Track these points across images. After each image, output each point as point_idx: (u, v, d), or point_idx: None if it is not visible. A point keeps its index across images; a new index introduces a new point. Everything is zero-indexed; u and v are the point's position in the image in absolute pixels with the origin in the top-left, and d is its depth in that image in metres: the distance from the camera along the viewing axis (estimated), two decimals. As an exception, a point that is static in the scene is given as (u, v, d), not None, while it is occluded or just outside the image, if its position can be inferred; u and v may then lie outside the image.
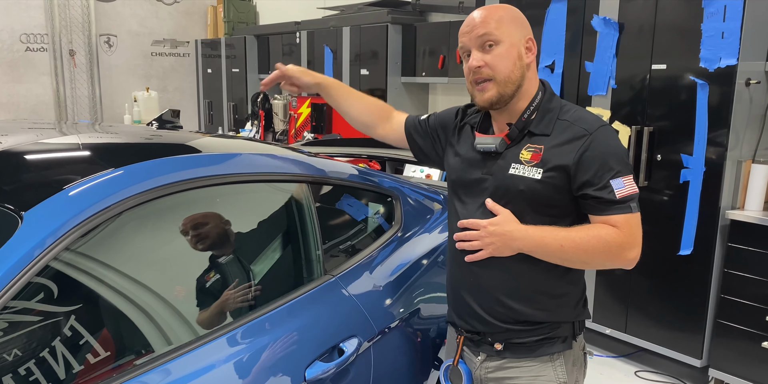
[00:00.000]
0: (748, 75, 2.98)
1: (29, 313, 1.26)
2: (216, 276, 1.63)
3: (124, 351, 1.39)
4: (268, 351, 1.53)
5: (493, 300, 1.63)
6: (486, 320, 1.64)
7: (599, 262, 1.60)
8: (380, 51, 5.44)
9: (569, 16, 3.61)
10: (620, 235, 1.53)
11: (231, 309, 1.59)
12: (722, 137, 3.03)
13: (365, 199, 2.15)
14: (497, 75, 1.57)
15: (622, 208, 1.53)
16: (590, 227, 1.56)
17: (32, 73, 7.62)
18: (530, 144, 1.59)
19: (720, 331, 3.14)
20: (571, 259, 1.57)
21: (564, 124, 1.58)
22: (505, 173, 1.59)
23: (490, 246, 1.58)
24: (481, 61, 1.57)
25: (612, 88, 3.46)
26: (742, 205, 3.14)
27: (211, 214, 1.66)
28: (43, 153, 1.66)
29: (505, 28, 1.57)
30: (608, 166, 1.52)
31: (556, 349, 1.63)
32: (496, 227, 1.56)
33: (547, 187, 1.55)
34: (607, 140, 1.55)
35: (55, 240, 1.26)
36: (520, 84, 1.59)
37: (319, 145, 3.41)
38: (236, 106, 7.52)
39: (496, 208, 1.58)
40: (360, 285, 1.86)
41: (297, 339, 1.61)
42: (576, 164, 1.53)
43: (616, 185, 1.52)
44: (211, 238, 1.63)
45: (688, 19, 3.09)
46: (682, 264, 3.23)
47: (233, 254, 1.69)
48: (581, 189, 1.54)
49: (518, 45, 1.58)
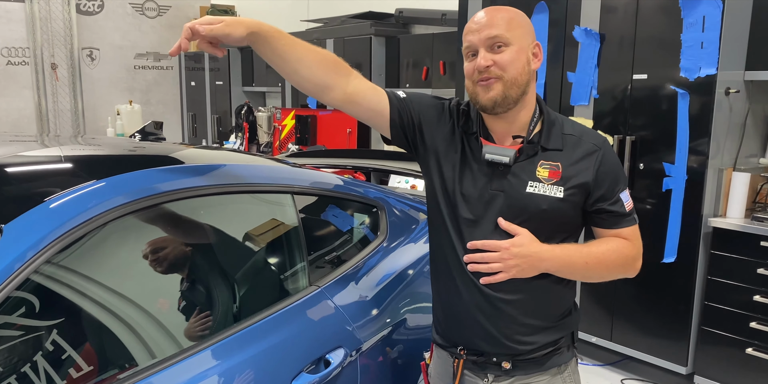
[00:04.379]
0: (728, 84, 3.02)
1: (10, 327, 1.24)
2: (200, 288, 1.61)
3: (107, 365, 1.37)
4: (253, 363, 1.52)
5: (511, 320, 1.54)
6: (500, 341, 1.55)
7: (615, 275, 1.60)
8: (364, 63, 5.46)
9: (551, 27, 3.65)
10: (633, 247, 1.55)
11: (216, 321, 1.58)
12: (703, 146, 3.07)
13: (350, 210, 2.15)
14: (505, 75, 1.47)
15: (630, 220, 1.55)
16: (606, 241, 1.56)
17: (14, 87, 7.56)
18: (544, 160, 1.52)
19: (704, 338, 3.16)
20: (592, 275, 1.57)
21: (572, 139, 1.54)
22: (522, 191, 1.50)
23: (514, 269, 1.49)
24: (490, 61, 1.47)
25: (594, 98, 3.50)
26: (724, 212, 3.17)
27: (191, 226, 1.64)
28: (23, 165, 1.64)
29: (516, 31, 1.49)
30: (617, 180, 1.54)
31: (564, 359, 1.60)
32: (520, 249, 1.47)
33: (568, 205, 1.52)
34: (612, 155, 1.56)
35: (35, 253, 1.25)
36: (525, 91, 1.51)
37: (303, 156, 3.40)
38: (220, 119, 7.50)
39: (513, 228, 1.49)
40: (346, 296, 1.85)
41: (283, 350, 1.59)
42: (594, 180, 1.52)
43: (624, 198, 1.54)
44: (193, 251, 1.62)
45: (668, 29, 3.13)
46: (666, 272, 3.25)
47: (218, 266, 1.68)
48: (596, 204, 1.53)
49: (527, 50, 1.51)
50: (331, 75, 1.55)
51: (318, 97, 1.58)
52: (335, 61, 1.57)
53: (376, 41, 5.38)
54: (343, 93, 1.56)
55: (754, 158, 3.27)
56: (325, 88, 1.56)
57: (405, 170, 2.80)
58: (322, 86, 1.55)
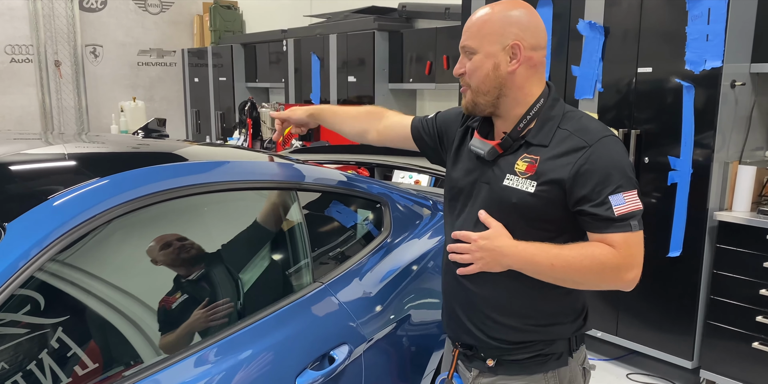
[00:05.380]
0: (733, 77, 3.00)
1: (15, 325, 1.24)
2: (204, 285, 1.61)
3: (112, 362, 1.38)
4: (258, 360, 1.52)
5: (483, 315, 1.57)
6: (476, 335, 1.58)
7: (593, 283, 1.49)
8: (367, 58, 5.45)
9: (555, 20, 3.63)
10: (616, 255, 1.42)
11: (219, 318, 1.58)
12: (709, 139, 3.05)
13: (354, 206, 2.14)
14: (471, 83, 1.54)
15: (620, 226, 1.43)
16: (585, 246, 1.46)
17: (17, 85, 7.57)
18: (527, 154, 1.50)
19: (710, 332, 3.15)
20: (562, 278, 1.48)
21: (563, 133, 1.49)
22: (500, 183, 1.52)
23: (480, 261, 1.50)
24: (462, 69, 1.55)
25: (599, 91, 3.48)
26: (729, 206, 3.15)
27: (195, 223, 1.64)
28: (26, 163, 1.65)
29: (486, 37, 1.49)
30: (608, 181, 1.43)
31: (550, 366, 1.56)
32: (486, 242, 1.49)
33: (540, 201, 1.47)
34: (608, 153, 1.45)
35: (39, 250, 1.25)
36: (498, 95, 1.52)
37: (307, 152, 3.40)
38: (224, 115, 7.50)
39: (489, 220, 1.51)
40: (350, 292, 1.85)
41: (287, 347, 1.59)
42: (572, 178, 1.44)
43: (615, 201, 1.42)
44: (197, 248, 1.62)
45: (673, 22, 3.11)
46: (672, 266, 3.24)
47: (221, 263, 1.68)
48: (578, 205, 1.45)
49: (495, 55, 1.49)
50: (365, 123, 1.93)
51: (361, 140, 1.97)
52: (368, 112, 1.97)
53: (380, 36, 5.36)
54: (377, 132, 1.91)
55: (760, 151, 3.25)
56: (363, 133, 1.94)
57: (409, 166, 2.79)
58: (361, 132, 1.94)
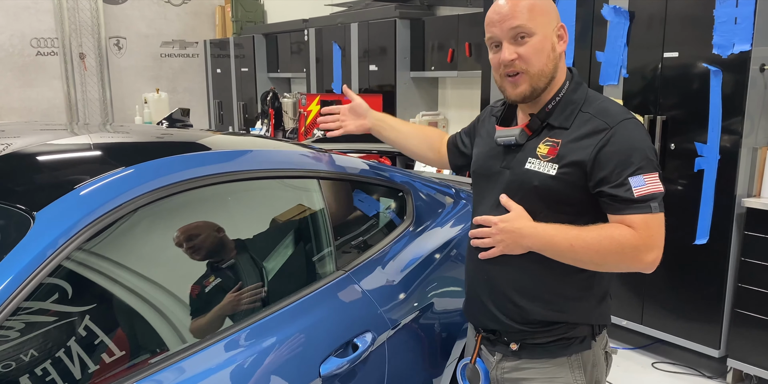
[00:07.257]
0: (763, 60, 2.94)
1: (43, 313, 1.27)
2: (228, 273, 1.63)
3: (138, 350, 1.39)
4: (282, 347, 1.53)
5: (505, 299, 1.58)
6: (499, 319, 1.60)
7: (613, 264, 1.50)
8: (389, 46, 5.42)
9: (579, 6, 3.58)
10: (636, 236, 1.43)
11: (244, 306, 1.59)
12: (737, 124, 2.99)
13: (377, 194, 2.14)
14: (530, 68, 1.49)
15: (640, 207, 1.43)
16: (604, 227, 1.47)
17: (43, 77, 7.67)
18: (549, 137, 1.52)
19: (738, 320, 3.11)
20: (582, 259, 1.48)
21: (585, 116, 1.50)
22: (522, 167, 1.53)
23: (500, 243, 1.53)
24: (514, 54, 1.48)
25: (623, 77, 3.43)
26: (758, 192, 3.10)
27: (219, 211, 1.65)
28: (53, 153, 1.67)
29: (538, 18, 1.48)
30: (628, 162, 1.43)
31: (573, 350, 1.57)
32: (506, 224, 1.51)
33: (561, 183, 1.48)
34: (629, 134, 1.46)
35: (67, 239, 1.26)
36: (553, 76, 1.53)
37: (329, 141, 3.40)
38: (246, 106, 7.53)
39: (509, 203, 1.53)
40: (373, 280, 1.85)
41: (311, 335, 1.60)
42: (593, 160, 1.45)
43: (635, 183, 1.43)
44: (221, 238, 1.63)
45: (700, 5, 3.05)
46: (698, 253, 3.19)
47: (245, 252, 1.69)
48: (597, 186, 1.46)
49: (551, 36, 1.50)
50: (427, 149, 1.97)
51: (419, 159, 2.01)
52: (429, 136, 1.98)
53: (401, 24, 5.33)
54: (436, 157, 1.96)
55: (789, 137, 3.18)
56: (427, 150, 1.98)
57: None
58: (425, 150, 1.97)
